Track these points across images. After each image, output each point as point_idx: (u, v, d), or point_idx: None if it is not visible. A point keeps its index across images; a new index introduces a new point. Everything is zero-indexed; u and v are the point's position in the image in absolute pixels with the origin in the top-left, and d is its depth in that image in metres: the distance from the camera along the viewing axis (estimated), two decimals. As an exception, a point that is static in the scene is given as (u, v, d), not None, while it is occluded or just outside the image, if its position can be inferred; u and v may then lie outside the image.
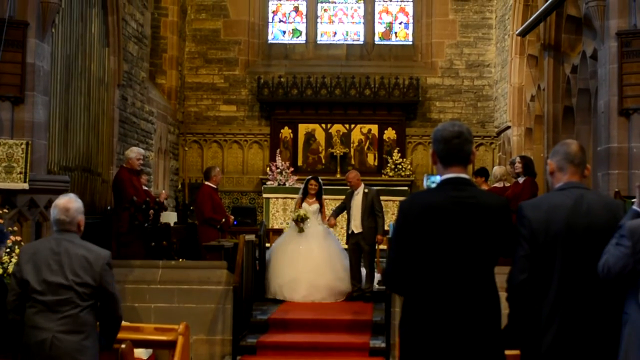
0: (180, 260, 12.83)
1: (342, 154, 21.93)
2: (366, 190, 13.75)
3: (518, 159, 13.64)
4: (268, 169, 20.97)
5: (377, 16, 23.61)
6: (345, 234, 14.56)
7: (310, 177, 14.80)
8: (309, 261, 13.64)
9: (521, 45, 18.55)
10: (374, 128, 22.34)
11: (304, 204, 14.21)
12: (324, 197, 14.63)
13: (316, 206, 14.22)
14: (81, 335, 5.83)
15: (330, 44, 23.51)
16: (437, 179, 4.87)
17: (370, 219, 13.55)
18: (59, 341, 5.77)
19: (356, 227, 13.63)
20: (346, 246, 14.11)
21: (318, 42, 23.51)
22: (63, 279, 5.83)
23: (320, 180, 14.60)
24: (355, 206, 13.69)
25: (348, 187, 14.21)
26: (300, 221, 13.96)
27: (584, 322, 4.71)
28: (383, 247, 13.90)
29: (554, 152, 5.09)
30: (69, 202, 6.04)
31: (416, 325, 4.66)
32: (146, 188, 14.15)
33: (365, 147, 22.34)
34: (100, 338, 6.02)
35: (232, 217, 15.11)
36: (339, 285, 13.63)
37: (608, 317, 4.77)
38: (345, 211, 14.00)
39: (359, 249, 13.59)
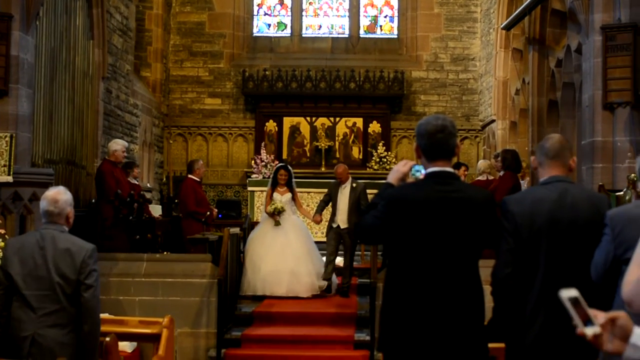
0: (165, 253, 12.81)
1: (327, 147, 21.92)
2: (354, 185, 13.38)
3: (499, 154, 13.64)
4: (253, 162, 20.97)
5: (362, 9, 23.60)
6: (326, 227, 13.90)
7: (279, 165, 14.31)
8: (289, 254, 13.12)
9: (506, 39, 18.59)
10: (359, 121, 22.34)
11: (276, 195, 13.57)
12: (309, 190, 14.28)
13: (288, 195, 13.62)
14: (64, 330, 5.83)
15: (316, 37, 23.48)
16: (421, 167, 4.88)
17: (354, 215, 12.94)
18: (40, 337, 5.77)
19: (342, 221, 13.16)
20: (324, 238, 13.69)
21: (303, 36, 23.49)
22: (46, 273, 5.83)
23: (290, 168, 14.04)
24: (342, 200, 13.25)
25: (333, 180, 13.83)
26: (276, 214, 13.35)
27: (569, 316, 4.72)
28: None
29: (537, 148, 5.14)
30: (58, 194, 6.04)
31: (398, 317, 4.67)
32: (136, 182, 14.12)
33: (350, 141, 22.34)
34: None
35: (216, 211, 15.09)
36: (316, 279, 13.19)
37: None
38: (330, 203, 13.50)
39: (338, 242, 13.26)
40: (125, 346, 9.85)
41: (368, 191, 13.44)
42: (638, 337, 2.94)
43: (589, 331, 2.99)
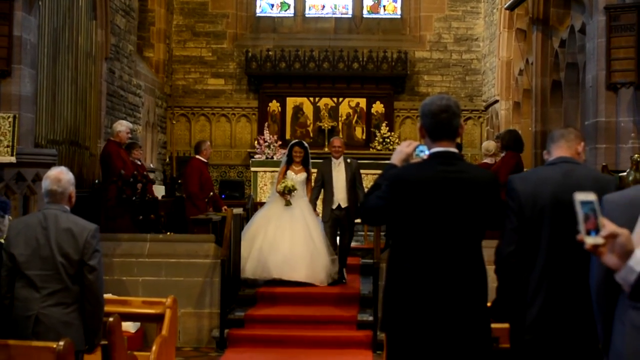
0: (168, 233, 12.81)
1: (330, 127, 21.89)
2: (348, 160, 12.65)
3: (502, 134, 13.59)
4: (256, 142, 20.99)
5: (365, -11, 23.54)
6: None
7: (294, 141, 13.35)
8: (308, 239, 12.35)
9: (510, 19, 18.52)
10: (362, 102, 22.31)
11: (290, 173, 12.80)
12: (312, 170, 13.36)
13: (303, 175, 12.85)
14: (68, 309, 5.85)
15: (319, 17, 23.41)
16: (425, 148, 4.88)
17: (352, 192, 12.40)
18: (44, 316, 5.79)
19: (342, 200, 12.46)
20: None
21: (306, 16, 23.41)
22: (49, 254, 5.85)
23: (306, 144, 13.19)
24: (338, 178, 12.51)
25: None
26: (287, 193, 12.55)
27: (570, 296, 4.72)
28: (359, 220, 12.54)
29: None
30: (61, 174, 6.06)
31: (401, 298, 4.67)
32: (139, 162, 14.10)
33: (354, 121, 22.31)
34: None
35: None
36: (332, 265, 12.44)
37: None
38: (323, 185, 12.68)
39: (337, 225, 12.65)
40: (129, 326, 9.89)
41: (371, 172, 13.31)
42: (636, 261, 2.92)
43: (590, 240, 2.98)
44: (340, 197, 12.54)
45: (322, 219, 12.75)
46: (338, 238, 12.93)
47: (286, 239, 12.39)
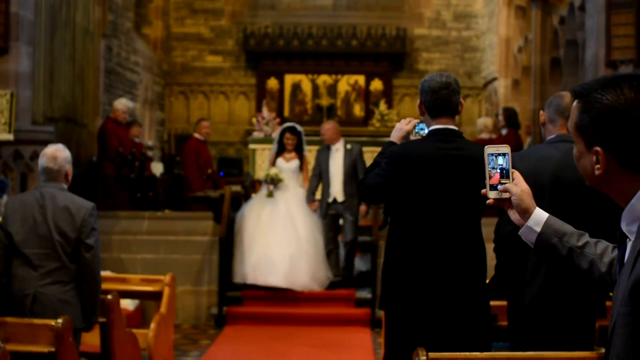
0: (166, 211, 12.81)
1: (328, 105, 21.84)
2: (348, 147, 11.20)
3: (501, 111, 13.58)
4: (254, 119, 20.93)
5: (364, -34, 23.44)
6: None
7: (285, 126, 11.83)
8: (291, 236, 11.00)
9: (509, -4, 18.50)
10: (361, 79, 22.26)
11: (279, 161, 11.39)
12: (310, 147, 12.46)
13: (295, 163, 11.40)
14: (65, 287, 5.86)
15: (317, -6, 23.36)
16: (424, 125, 4.87)
17: (353, 184, 10.58)
18: (41, 294, 5.80)
19: (337, 193, 11.16)
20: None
21: (305, -7, 23.36)
22: (46, 232, 5.84)
23: (299, 129, 11.58)
24: (334, 166, 11.18)
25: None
26: (270, 182, 11.20)
27: (569, 275, 4.72)
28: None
29: (548, 104, 5.10)
30: (57, 151, 6.03)
31: (400, 275, 4.67)
32: (138, 140, 14.05)
33: (352, 98, 22.27)
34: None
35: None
36: (321, 269, 11.27)
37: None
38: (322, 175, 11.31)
39: (335, 222, 11.47)
40: (127, 304, 9.89)
41: (370, 149, 13.14)
42: (535, 222, 2.94)
43: (492, 194, 3.01)
44: (336, 189, 11.24)
45: (320, 212, 11.47)
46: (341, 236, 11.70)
47: (262, 239, 11.05)
